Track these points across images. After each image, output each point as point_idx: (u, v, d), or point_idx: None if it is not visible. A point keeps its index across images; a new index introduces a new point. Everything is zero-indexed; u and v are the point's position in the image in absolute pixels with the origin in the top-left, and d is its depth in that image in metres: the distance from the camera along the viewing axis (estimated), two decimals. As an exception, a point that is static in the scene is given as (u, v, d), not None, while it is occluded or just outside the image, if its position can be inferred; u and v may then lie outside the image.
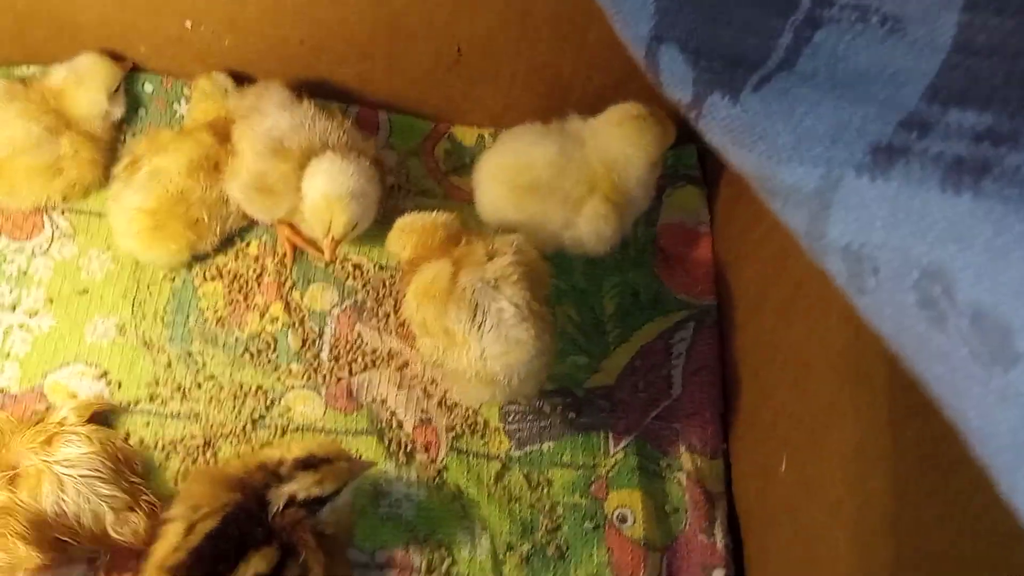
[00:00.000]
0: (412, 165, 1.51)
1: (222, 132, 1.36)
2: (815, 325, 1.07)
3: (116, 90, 1.40)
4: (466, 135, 1.55)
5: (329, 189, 1.27)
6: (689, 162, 1.55)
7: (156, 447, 1.25)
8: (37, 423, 1.16)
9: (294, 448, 1.12)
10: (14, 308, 1.32)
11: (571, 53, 1.39)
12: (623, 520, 1.29)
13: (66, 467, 1.11)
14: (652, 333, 1.43)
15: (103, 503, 1.11)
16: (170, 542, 1.05)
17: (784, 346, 1.16)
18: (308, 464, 1.10)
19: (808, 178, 0.61)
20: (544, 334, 1.17)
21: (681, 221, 1.52)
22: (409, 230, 1.28)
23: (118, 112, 1.42)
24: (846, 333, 0.97)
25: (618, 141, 1.35)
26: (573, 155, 1.35)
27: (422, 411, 1.33)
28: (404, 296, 1.26)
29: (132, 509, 1.13)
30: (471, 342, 1.15)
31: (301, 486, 1.08)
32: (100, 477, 1.12)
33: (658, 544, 1.27)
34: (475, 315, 1.15)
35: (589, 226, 1.34)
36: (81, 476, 1.11)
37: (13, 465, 1.10)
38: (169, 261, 1.34)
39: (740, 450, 1.30)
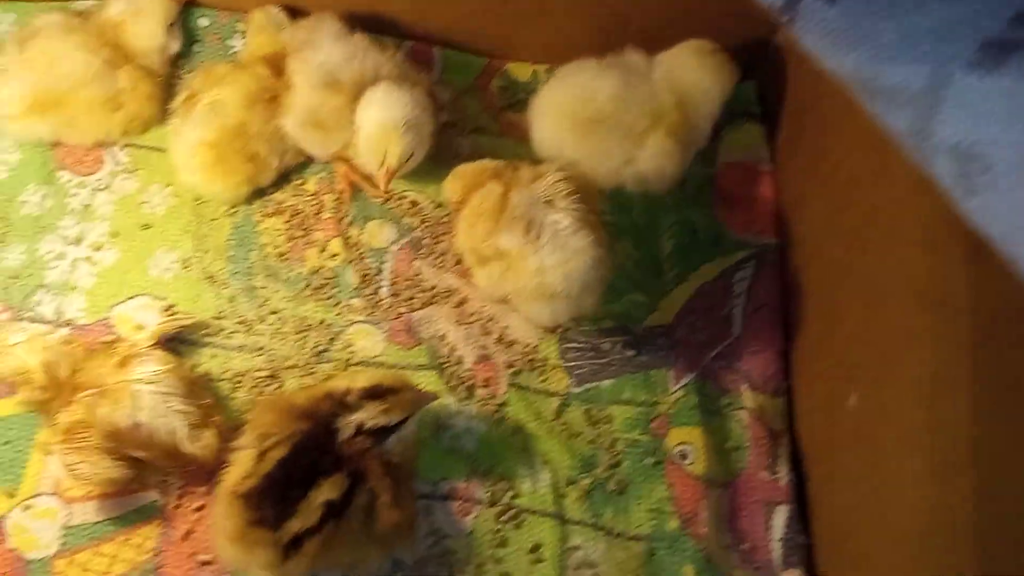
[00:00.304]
0: (467, 101, 1.49)
1: (278, 66, 1.36)
2: (890, 252, 1.05)
3: (172, 24, 1.40)
4: (521, 71, 1.53)
5: (383, 119, 1.26)
6: (749, 99, 1.52)
7: (222, 379, 1.27)
8: (111, 347, 1.18)
9: (360, 379, 1.13)
10: (79, 241, 1.34)
11: (632, -17, 1.36)
12: (684, 457, 1.28)
13: (142, 383, 1.13)
14: (711, 273, 1.41)
15: (177, 418, 1.13)
16: (242, 469, 1.07)
17: (855, 276, 1.14)
18: (375, 394, 1.11)
19: (915, 77, 0.59)
20: (599, 245, 1.17)
21: (741, 160, 1.49)
22: (461, 175, 1.29)
23: (175, 46, 1.42)
24: (925, 258, 0.95)
25: (694, 74, 1.35)
26: (637, 88, 1.33)
27: (481, 347, 1.33)
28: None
29: (204, 427, 1.15)
30: (528, 257, 1.15)
31: (368, 415, 1.09)
32: (174, 394, 1.14)
33: (719, 480, 1.27)
34: (529, 230, 1.15)
35: (651, 161, 1.33)
36: (157, 392, 1.13)
37: (90, 386, 1.13)
38: (231, 195, 1.35)
39: (803, 386, 1.29)
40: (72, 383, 1.14)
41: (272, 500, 1.05)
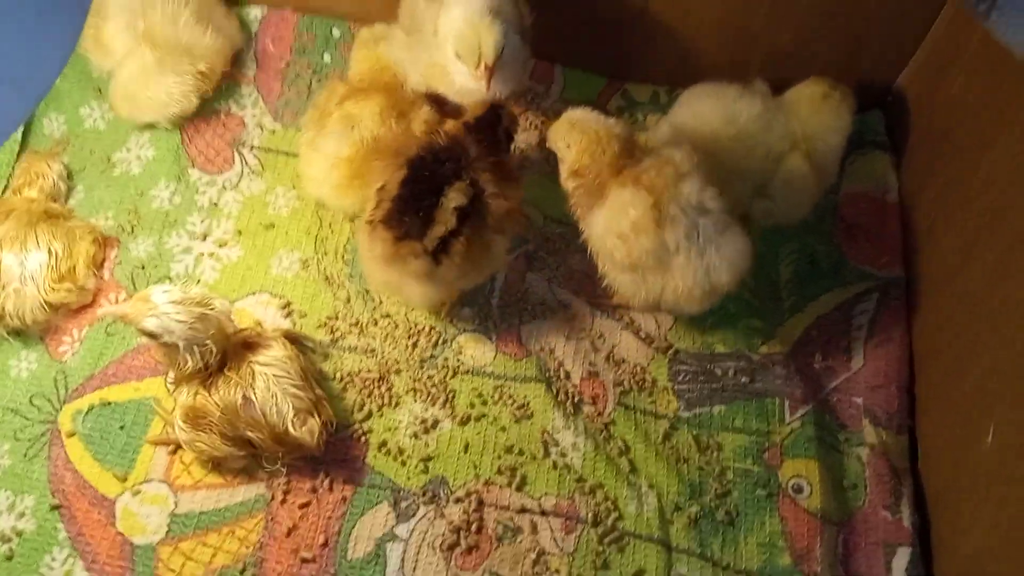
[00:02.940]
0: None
1: (392, 83, 1.37)
2: (1042, 280, 0.99)
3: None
4: (640, 91, 1.53)
5: (468, 12, 1.20)
6: (876, 128, 1.47)
7: (334, 378, 1.28)
8: (238, 332, 1.20)
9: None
10: (205, 237, 1.38)
11: (765, 2, 1.35)
12: (799, 490, 1.23)
13: (260, 365, 1.16)
14: (830, 304, 1.37)
15: (288, 401, 1.15)
16: (371, 204, 1.18)
17: (994, 308, 1.08)
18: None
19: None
20: (749, 235, 1.21)
21: (866, 190, 1.44)
22: (580, 129, 1.21)
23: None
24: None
25: (813, 117, 1.33)
26: (776, 114, 1.33)
27: (590, 364, 1.31)
28: (586, 222, 1.24)
29: (312, 414, 1.17)
30: (693, 261, 1.17)
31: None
32: (289, 378, 1.16)
33: (835, 518, 1.21)
34: (691, 236, 1.16)
35: (786, 187, 1.32)
36: (273, 374, 1.16)
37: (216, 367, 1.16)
38: (359, 208, 1.36)
39: (930, 423, 1.23)
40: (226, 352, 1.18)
41: (410, 213, 1.13)
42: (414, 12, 1.30)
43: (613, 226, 1.18)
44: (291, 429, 1.15)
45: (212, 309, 1.14)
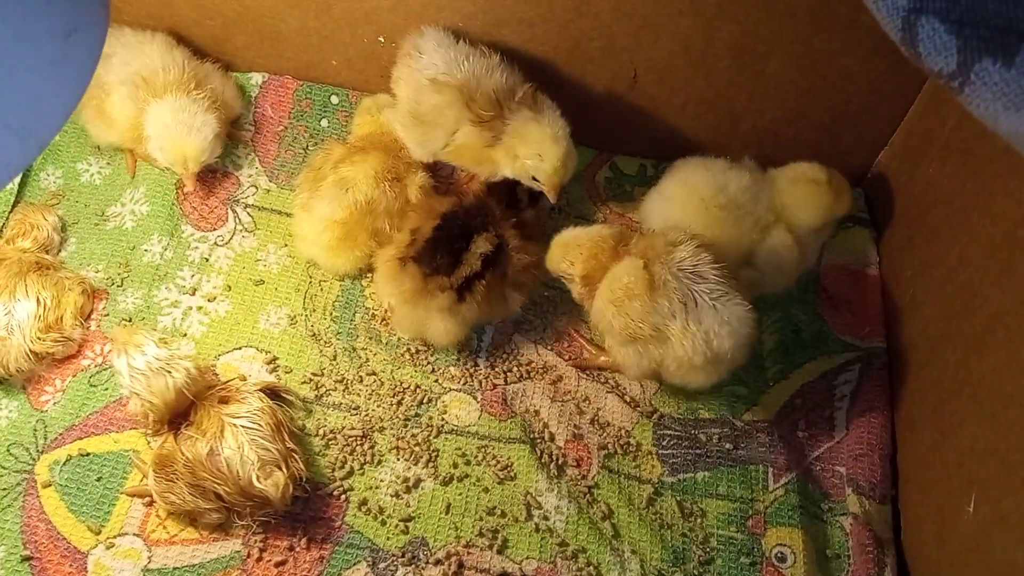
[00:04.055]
0: (572, 189, 1.53)
1: (391, 146, 1.41)
2: (1017, 354, 1.01)
3: None
4: (628, 164, 1.57)
5: (561, 135, 1.29)
6: (857, 204, 1.52)
7: (316, 435, 1.27)
8: (215, 387, 1.20)
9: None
10: (194, 292, 1.39)
11: (748, 84, 1.40)
12: (782, 559, 1.22)
13: (231, 417, 1.15)
14: (813, 372, 1.38)
15: (254, 453, 1.14)
16: (399, 244, 1.30)
17: (975, 380, 1.10)
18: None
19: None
20: (751, 304, 1.20)
21: (847, 263, 1.48)
22: (575, 244, 1.29)
23: None
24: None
25: (791, 197, 1.35)
26: (763, 186, 1.36)
27: (574, 426, 1.31)
28: (591, 308, 1.27)
29: (279, 468, 1.15)
30: (691, 328, 1.16)
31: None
32: (258, 430, 1.15)
33: (819, 588, 1.20)
34: (686, 301, 1.16)
35: (772, 256, 1.34)
36: (241, 425, 1.15)
37: (195, 420, 1.16)
38: (350, 268, 1.39)
39: (912, 494, 1.23)
40: (188, 413, 1.17)
41: (441, 253, 1.26)
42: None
43: (608, 295, 1.21)
44: (255, 481, 1.13)
45: (169, 375, 1.16)
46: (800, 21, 1.29)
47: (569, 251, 1.29)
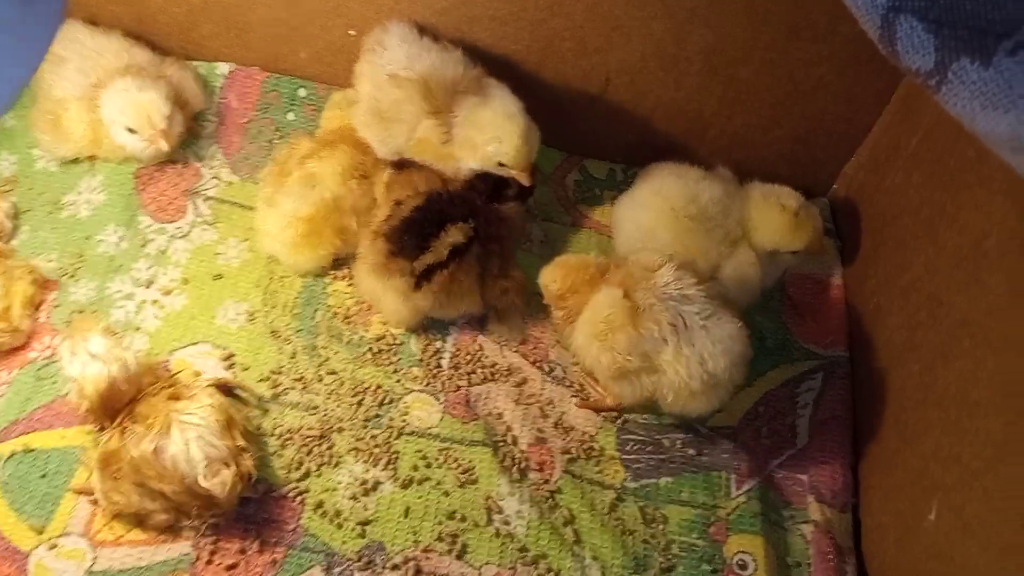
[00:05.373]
0: (540, 192, 1.51)
1: (359, 141, 1.37)
2: (983, 362, 1.01)
3: None
4: (598, 168, 1.56)
5: (516, 114, 1.26)
6: (823, 214, 1.52)
7: (273, 435, 1.24)
8: (167, 385, 1.16)
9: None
10: (149, 284, 1.35)
11: (718, 89, 1.40)
12: (743, 567, 1.21)
13: (179, 413, 1.11)
14: (777, 380, 1.38)
15: (201, 451, 1.10)
16: (382, 215, 1.28)
17: (940, 387, 1.10)
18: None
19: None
20: (742, 321, 1.18)
21: (812, 271, 1.48)
22: (559, 265, 1.28)
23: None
24: (1024, 365, 0.92)
25: (756, 212, 1.34)
26: (736, 199, 1.35)
27: (538, 430, 1.29)
28: (570, 340, 1.26)
29: (227, 465, 1.11)
30: (684, 351, 1.13)
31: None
32: (206, 427, 1.11)
33: (778, 597, 1.19)
34: (674, 326, 1.14)
35: (738, 269, 1.33)
36: (189, 422, 1.10)
37: (139, 415, 1.12)
38: (312, 266, 1.36)
39: (874, 502, 1.23)
40: (129, 408, 1.13)
41: (410, 236, 1.24)
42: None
43: (590, 330, 1.19)
44: (201, 480, 1.09)
45: (104, 365, 1.12)
46: (775, 29, 1.29)
47: (555, 268, 1.28)
